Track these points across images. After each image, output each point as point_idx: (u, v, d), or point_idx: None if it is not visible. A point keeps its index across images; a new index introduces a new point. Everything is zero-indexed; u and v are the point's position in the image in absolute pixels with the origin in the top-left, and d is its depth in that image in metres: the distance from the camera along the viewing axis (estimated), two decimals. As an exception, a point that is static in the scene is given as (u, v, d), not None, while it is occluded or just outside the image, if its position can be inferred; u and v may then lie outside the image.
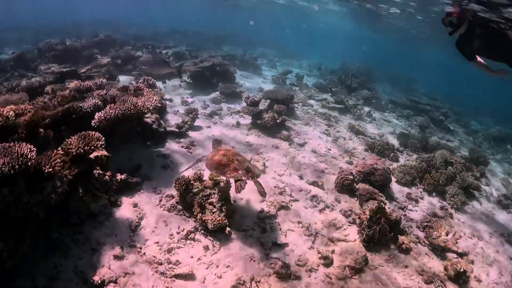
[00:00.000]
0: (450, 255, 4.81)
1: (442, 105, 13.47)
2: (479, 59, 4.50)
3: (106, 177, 4.14)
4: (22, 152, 2.71)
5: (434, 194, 6.41)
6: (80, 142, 3.38)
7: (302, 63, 20.45)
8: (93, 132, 3.57)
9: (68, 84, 6.16)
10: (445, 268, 4.50)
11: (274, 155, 6.50)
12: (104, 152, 3.44)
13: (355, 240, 4.57)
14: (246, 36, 24.56)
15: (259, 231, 4.22)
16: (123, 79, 10.24)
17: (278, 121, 7.66)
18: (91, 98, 4.76)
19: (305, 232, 4.46)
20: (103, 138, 3.54)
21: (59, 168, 3.01)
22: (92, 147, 3.40)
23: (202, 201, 4.04)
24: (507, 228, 6.03)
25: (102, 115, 4.33)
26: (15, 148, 2.74)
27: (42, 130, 3.67)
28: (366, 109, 11.66)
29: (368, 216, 4.68)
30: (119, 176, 4.33)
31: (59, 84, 6.24)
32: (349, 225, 4.85)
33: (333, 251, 4.23)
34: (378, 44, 32.53)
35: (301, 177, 5.91)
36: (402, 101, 13.68)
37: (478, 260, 4.94)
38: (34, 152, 2.79)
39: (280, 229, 4.37)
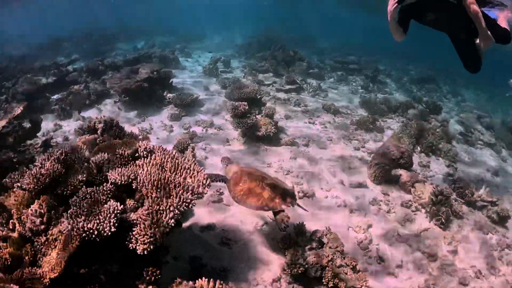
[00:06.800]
0: (481, 203, 6.18)
1: (365, 59, 15.51)
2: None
3: None
4: None
5: (430, 154, 7.81)
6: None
7: (208, 45, 19.79)
8: None
9: None
10: (489, 217, 5.85)
11: (303, 169, 6.60)
12: None
13: (429, 225, 5.39)
14: (133, 27, 22.19)
15: (373, 262, 4.52)
16: (44, 125, 8.08)
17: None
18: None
19: (399, 239, 4.99)
20: None
21: None
22: None
23: (334, 270, 3.79)
24: (486, 163, 7.99)
25: None
26: None
27: None
28: (314, 82, 12.51)
29: (431, 199, 5.54)
30: None
31: None
32: (415, 214, 5.62)
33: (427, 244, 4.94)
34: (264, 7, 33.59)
35: (342, 183, 6.29)
36: (331, 64, 15.12)
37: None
38: None
39: (389, 254, 4.75)
